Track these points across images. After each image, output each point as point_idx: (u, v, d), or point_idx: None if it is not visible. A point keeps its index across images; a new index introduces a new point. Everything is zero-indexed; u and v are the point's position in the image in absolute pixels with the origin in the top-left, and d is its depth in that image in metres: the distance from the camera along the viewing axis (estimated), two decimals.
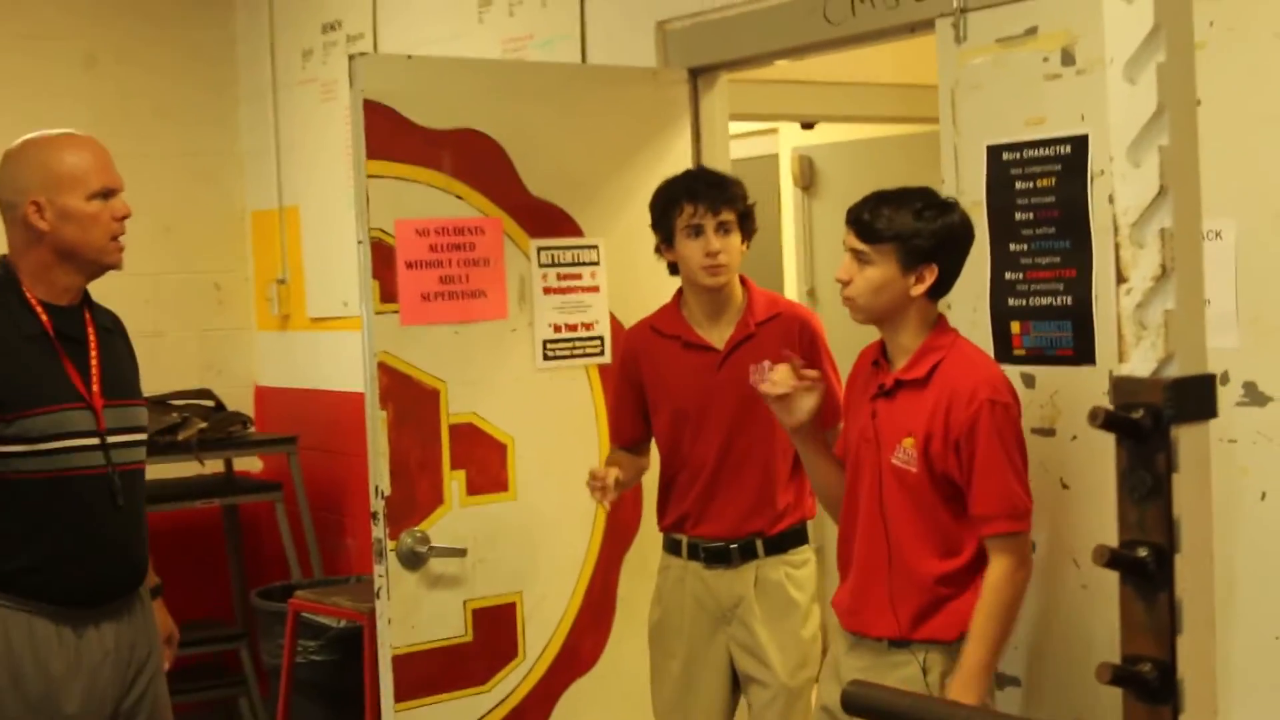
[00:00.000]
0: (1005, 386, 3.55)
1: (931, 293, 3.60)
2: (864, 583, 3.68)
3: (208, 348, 7.43)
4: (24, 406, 3.62)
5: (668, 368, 4.37)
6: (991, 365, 3.64)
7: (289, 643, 5.85)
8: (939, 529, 3.57)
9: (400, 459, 4.37)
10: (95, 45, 7.13)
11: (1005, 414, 3.50)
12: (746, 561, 4.29)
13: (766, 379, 3.78)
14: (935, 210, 3.58)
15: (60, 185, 3.71)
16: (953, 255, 3.61)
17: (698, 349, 4.33)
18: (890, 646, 3.62)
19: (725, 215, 4.24)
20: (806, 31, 4.47)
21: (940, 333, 3.63)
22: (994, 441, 3.48)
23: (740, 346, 4.29)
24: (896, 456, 3.59)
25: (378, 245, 4.33)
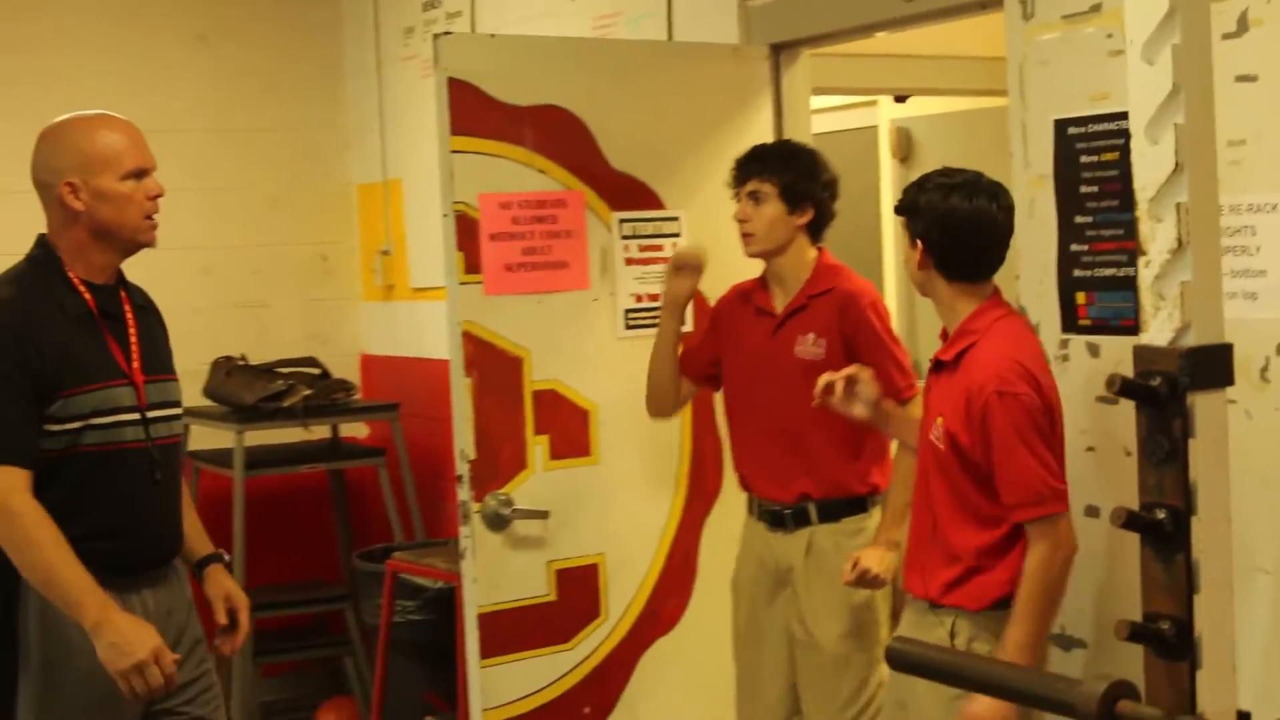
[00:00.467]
0: (1015, 374, 3.62)
1: (946, 273, 3.78)
2: (914, 546, 3.85)
3: (314, 317, 7.61)
4: (75, 384, 3.71)
5: (739, 328, 4.53)
6: (1010, 352, 3.68)
7: (387, 603, 6.02)
8: (970, 505, 3.70)
9: (485, 424, 4.50)
10: (206, 23, 7.30)
11: (1015, 403, 3.58)
12: (800, 528, 4.41)
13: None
14: (938, 191, 3.79)
15: (94, 166, 3.77)
16: (944, 237, 3.77)
17: (762, 313, 4.48)
18: (929, 607, 3.76)
19: (753, 185, 4.39)
20: (883, 9, 4.56)
21: (979, 314, 3.76)
22: (1006, 432, 3.58)
23: (794, 315, 4.42)
24: (933, 433, 3.74)
25: (462, 218, 4.45)
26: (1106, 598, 3.96)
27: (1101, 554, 3.94)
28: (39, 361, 3.68)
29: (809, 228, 4.44)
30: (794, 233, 4.41)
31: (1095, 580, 3.96)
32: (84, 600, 3.63)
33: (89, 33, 7.07)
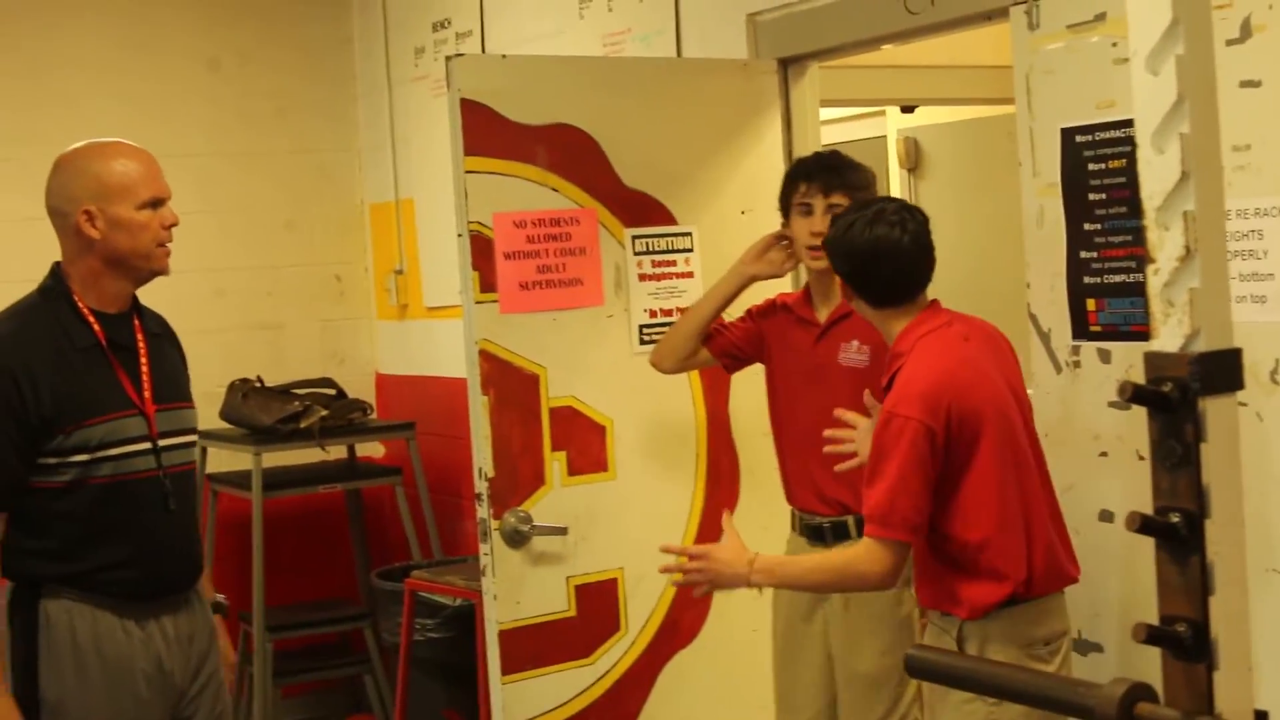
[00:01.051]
0: (915, 399, 3.62)
1: (871, 300, 3.84)
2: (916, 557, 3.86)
3: (329, 337, 7.66)
4: (82, 418, 3.74)
5: (782, 337, 4.50)
6: (922, 374, 3.67)
7: (406, 621, 6.04)
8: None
9: (502, 442, 4.53)
10: (218, 47, 7.36)
11: (903, 425, 3.59)
12: (839, 541, 4.36)
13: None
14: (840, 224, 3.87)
15: (111, 195, 3.80)
16: (846, 266, 3.85)
17: (804, 323, 4.46)
18: (940, 616, 3.80)
19: (836, 199, 4.32)
20: (890, 21, 4.59)
21: (905, 335, 3.78)
22: (883, 448, 3.63)
23: (837, 324, 4.39)
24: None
25: (477, 238, 4.49)
26: (1123, 602, 4.00)
27: (1117, 559, 3.97)
28: (35, 403, 3.70)
29: None
30: None
31: (1111, 586, 4.00)
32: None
33: (102, 57, 7.13)
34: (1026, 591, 3.68)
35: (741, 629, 4.83)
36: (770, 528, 4.70)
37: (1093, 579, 4.02)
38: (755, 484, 4.86)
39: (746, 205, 4.88)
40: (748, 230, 4.83)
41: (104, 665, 3.77)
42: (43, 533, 3.76)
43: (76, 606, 3.77)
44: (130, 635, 3.81)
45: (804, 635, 4.45)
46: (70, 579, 3.77)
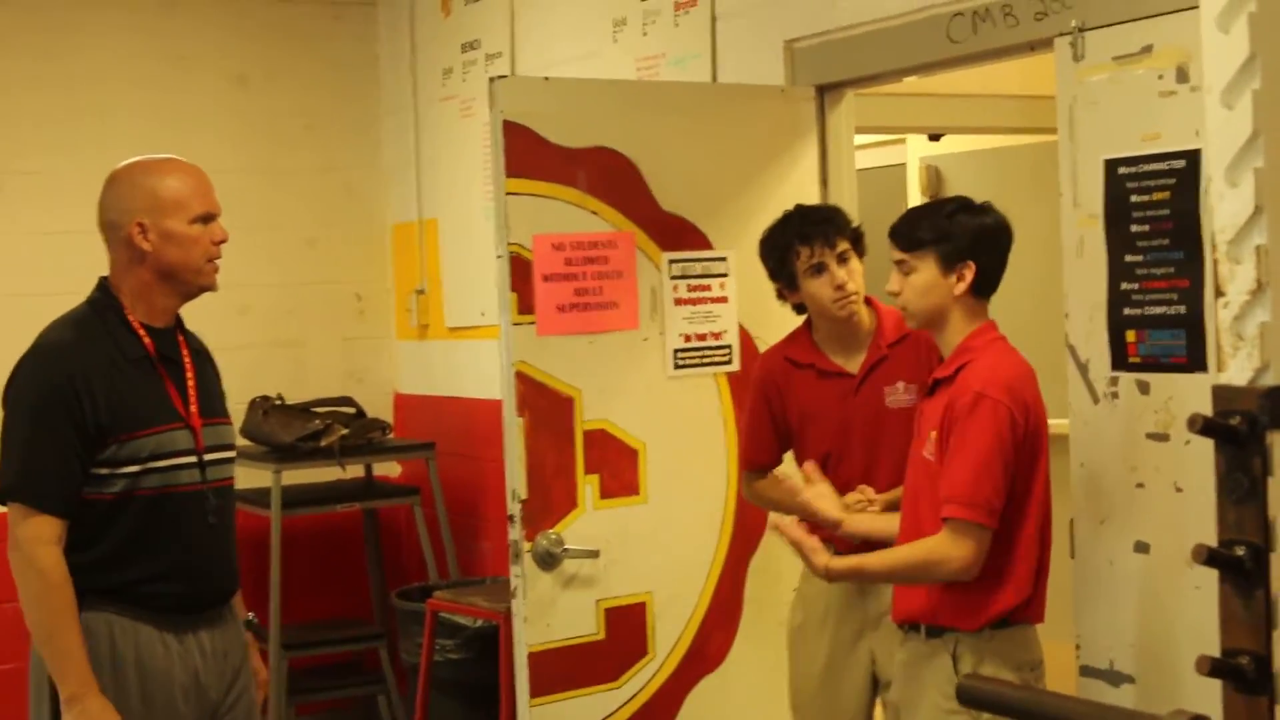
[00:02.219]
0: (1003, 386, 3.67)
1: (976, 290, 3.81)
2: None
3: (349, 356, 7.66)
4: (134, 428, 3.76)
5: (806, 396, 4.46)
6: (1006, 366, 3.75)
7: (427, 642, 6.04)
8: None
9: (536, 464, 4.53)
10: (246, 65, 7.38)
11: (991, 408, 3.64)
12: None
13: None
14: (966, 212, 3.83)
15: (164, 209, 3.82)
16: (989, 252, 3.82)
17: (833, 376, 4.43)
18: (928, 635, 3.80)
19: (841, 246, 4.35)
20: (930, 50, 4.60)
21: (979, 334, 3.81)
22: (968, 429, 3.64)
23: (874, 370, 4.39)
24: (926, 449, 3.79)
25: (516, 259, 4.49)
26: (1155, 634, 3.99)
27: (1150, 591, 3.97)
28: (91, 408, 3.71)
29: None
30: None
31: (1145, 616, 3.99)
32: (71, 672, 3.68)
33: (131, 72, 7.14)
34: (1027, 613, 3.75)
35: (767, 655, 4.82)
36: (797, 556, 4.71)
37: (1126, 610, 4.02)
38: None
39: None
40: None
41: (142, 678, 3.77)
42: (88, 544, 3.75)
43: (117, 619, 3.76)
44: (169, 649, 3.81)
45: (846, 664, 4.43)
46: (112, 591, 3.77)
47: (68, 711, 3.68)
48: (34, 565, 3.68)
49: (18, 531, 3.71)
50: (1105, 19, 4.03)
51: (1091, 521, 4.05)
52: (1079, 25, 4.07)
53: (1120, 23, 3.98)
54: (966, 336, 3.81)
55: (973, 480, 3.62)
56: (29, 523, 3.69)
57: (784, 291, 4.46)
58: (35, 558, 3.68)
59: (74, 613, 3.70)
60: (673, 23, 5.55)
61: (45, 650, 3.73)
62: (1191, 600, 3.83)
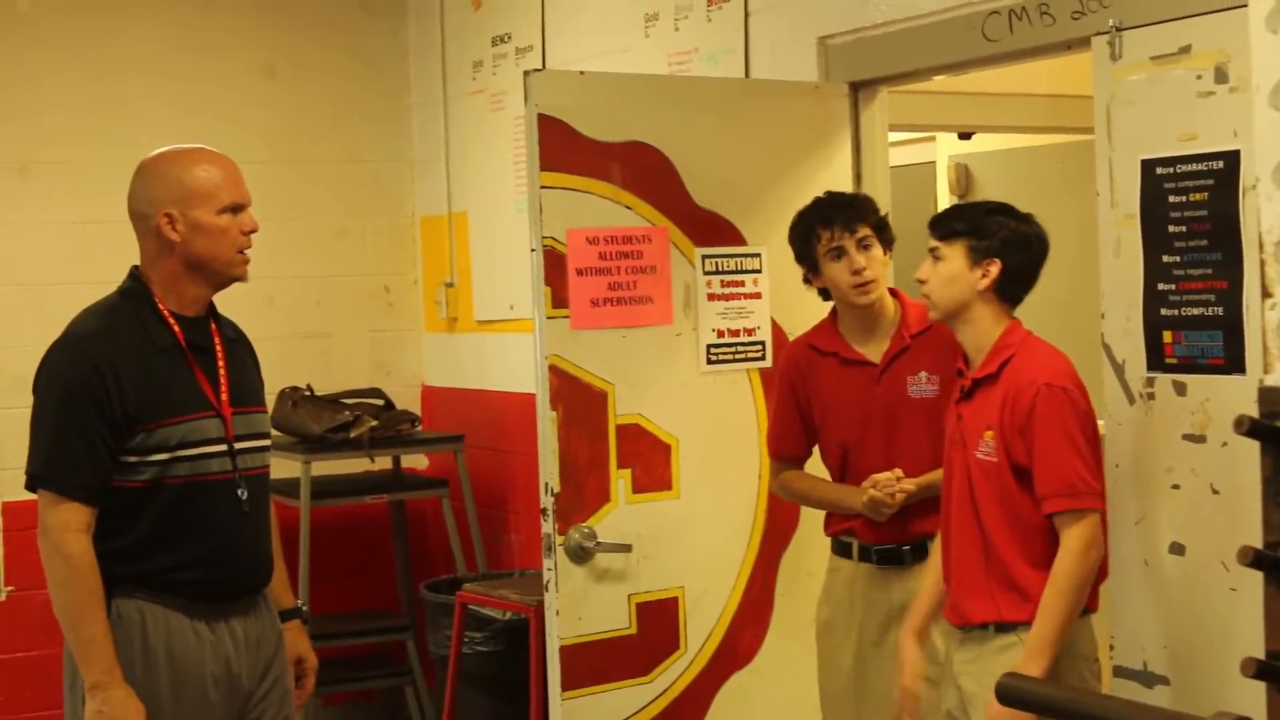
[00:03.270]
0: (1065, 373, 3.76)
1: (1000, 291, 3.85)
2: (964, 575, 3.86)
3: (377, 348, 7.67)
4: (163, 416, 3.77)
5: (829, 384, 4.50)
6: (1055, 357, 3.83)
7: (456, 634, 6.05)
8: (1024, 516, 3.75)
9: (569, 458, 4.53)
10: (274, 56, 7.40)
11: (1063, 396, 3.70)
12: (918, 562, 4.37)
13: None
14: (1004, 214, 3.90)
15: (192, 199, 3.82)
16: (1018, 255, 3.86)
17: (855, 364, 4.46)
18: (995, 631, 3.80)
19: (862, 231, 4.39)
20: (965, 48, 4.60)
21: (1011, 331, 3.86)
22: (1050, 422, 3.68)
23: (897, 359, 4.42)
24: (980, 450, 3.80)
25: (550, 253, 4.50)
26: (1189, 636, 3.98)
27: (1185, 592, 3.97)
28: (120, 397, 3.72)
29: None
30: (885, 275, 4.48)
31: (1179, 618, 3.99)
32: (95, 660, 3.69)
33: (160, 63, 7.16)
34: (1093, 601, 3.78)
35: (798, 651, 4.82)
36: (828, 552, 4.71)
37: (1160, 611, 4.02)
38: None
39: None
40: None
41: (173, 666, 3.78)
42: (118, 532, 3.77)
43: (149, 606, 3.78)
44: (200, 637, 3.82)
45: (875, 657, 4.44)
46: (143, 579, 3.78)
47: (91, 699, 3.70)
48: (61, 551, 3.69)
49: (46, 518, 3.73)
50: (1143, 18, 4.02)
51: (1127, 522, 4.04)
52: (1116, 24, 4.06)
53: (1158, 22, 3.97)
54: (1000, 335, 3.85)
55: (1070, 469, 3.67)
56: (57, 509, 3.71)
57: (809, 276, 4.50)
58: (62, 544, 3.69)
59: (100, 600, 3.71)
60: (705, 18, 5.55)
61: (71, 637, 3.74)
62: (1227, 602, 3.83)
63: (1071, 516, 3.67)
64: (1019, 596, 3.75)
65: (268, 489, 4.07)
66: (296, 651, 4.15)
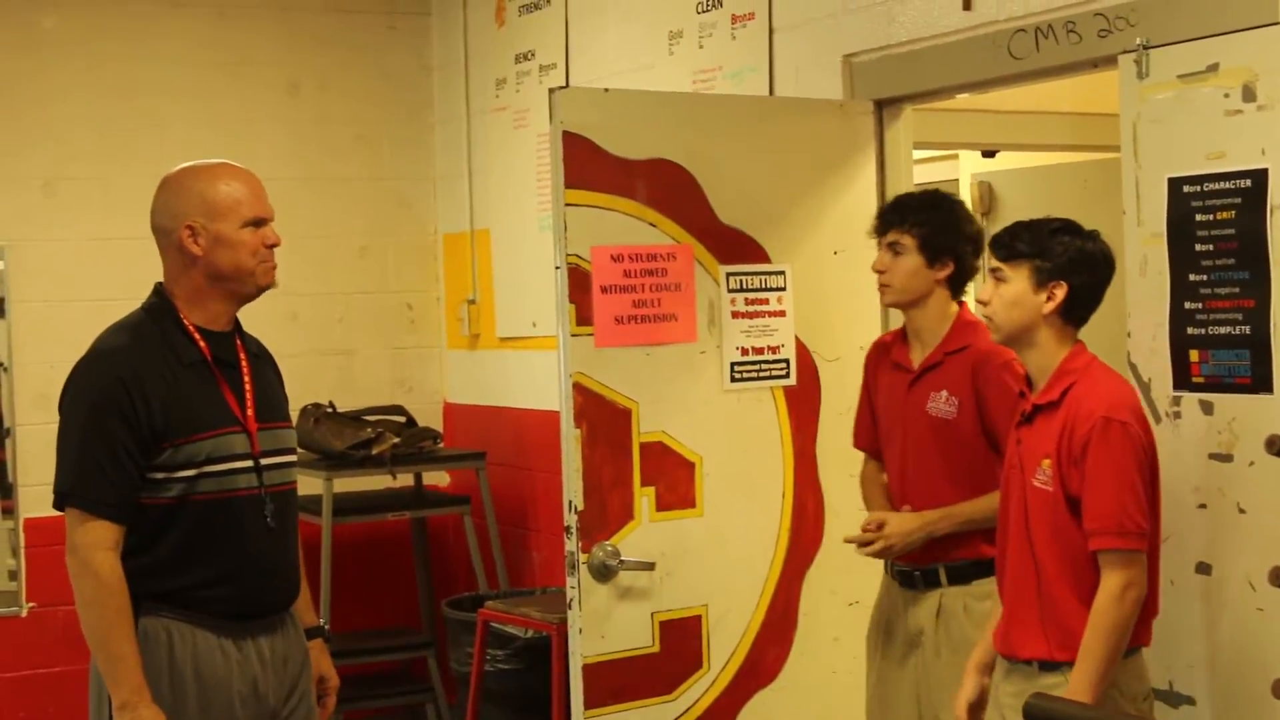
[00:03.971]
0: (1126, 406, 3.62)
1: (1065, 313, 3.72)
2: (1015, 605, 3.77)
3: (399, 365, 7.69)
4: (190, 432, 3.75)
5: (880, 381, 4.54)
6: (1118, 387, 3.71)
7: (478, 651, 6.04)
8: (1076, 550, 3.63)
9: (593, 475, 4.52)
10: (298, 73, 7.42)
11: (1121, 431, 3.56)
12: (930, 589, 4.36)
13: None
14: (1069, 234, 3.74)
15: (215, 212, 3.80)
16: (1085, 277, 3.72)
17: (899, 369, 4.46)
18: (1040, 669, 3.69)
19: (892, 236, 4.37)
20: (991, 66, 4.59)
21: (1075, 356, 3.73)
22: (1104, 457, 3.55)
23: (929, 371, 4.39)
24: (1037, 478, 3.68)
25: (574, 270, 4.49)
26: (1215, 655, 3.97)
27: (1212, 612, 3.95)
28: (146, 413, 3.71)
29: (949, 282, 4.39)
30: (932, 286, 4.37)
31: (1205, 638, 3.97)
32: (124, 678, 3.68)
33: (185, 80, 7.19)
34: (1140, 638, 3.66)
35: (821, 670, 4.82)
36: (853, 569, 4.71)
37: (1186, 631, 4.00)
38: (840, 525, 4.84)
39: (840, 245, 4.88)
40: (840, 270, 4.87)
41: (200, 684, 3.77)
42: (145, 549, 3.75)
43: (175, 624, 3.76)
44: (227, 655, 3.80)
45: (896, 681, 4.44)
46: (170, 596, 3.77)
47: (119, 718, 3.68)
48: (89, 570, 3.68)
49: (74, 536, 3.71)
50: (1170, 36, 4.01)
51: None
52: (1143, 43, 4.05)
53: (1186, 40, 3.96)
54: (1063, 359, 3.72)
55: (1120, 508, 3.54)
56: (85, 528, 3.70)
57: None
58: (91, 562, 3.68)
59: (128, 619, 3.70)
60: (730, 36, 5.56)
61: (99, 655, 3.72)
62: (1255, 622, 3.82)
63: (1117, 556, 3.55)
64: (1067, 635, 3.64)
65: (294, 505, 4.05)
66: (319, 670, 4.13)
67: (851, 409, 4.74)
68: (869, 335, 4.94)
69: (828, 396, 4.92)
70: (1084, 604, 3.61)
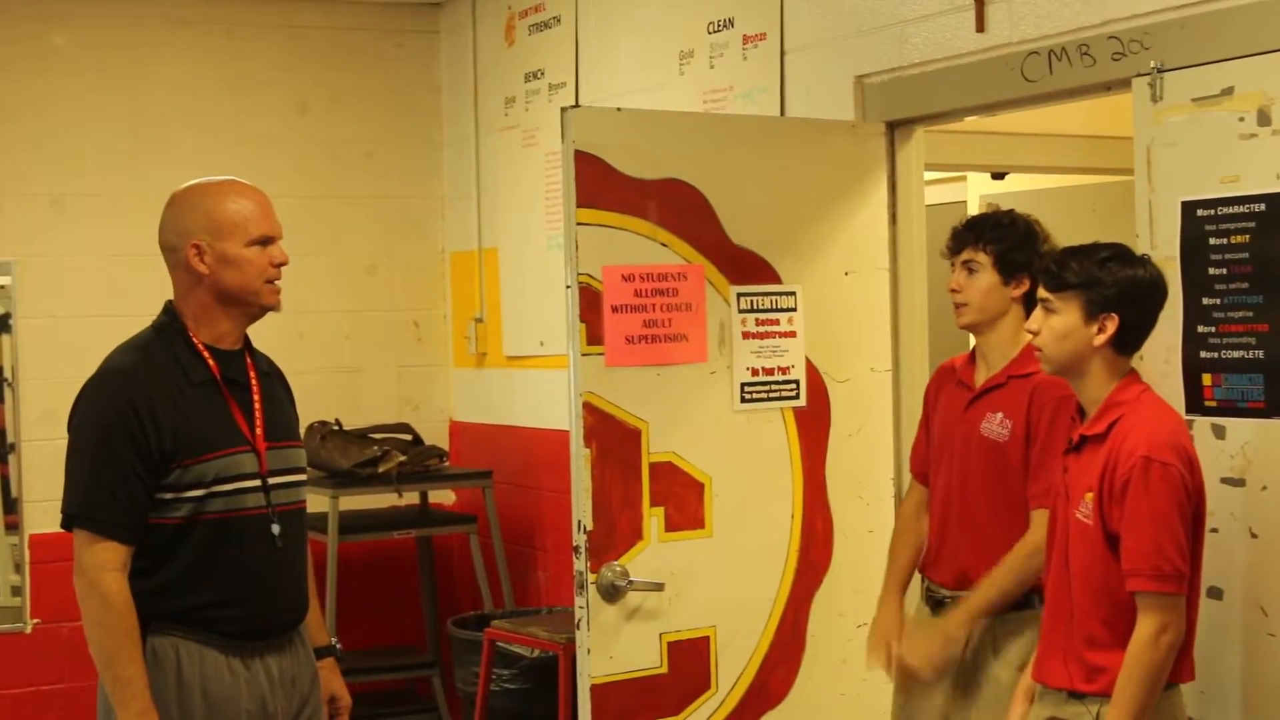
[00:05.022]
0: (1169, 446, 3.53)
1: (1118, 345, 3.65)
2: (1050, 633, 3.75)
3: (405, 383, 7.69)
4: (199, 452, 3.74)
5: (941, 399, 4.49)
6: (1165, 423, 3.61)
7: (484, 671, 6.03)
8: (1112, 587, 3.59)
9: (602, 495, 4.51)
10: (308, 92, 7.44)
11: (1162, 472, 3.49)
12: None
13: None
14: (1120, 262, 3.65)
15: (221, 230, 3.79)
16: (1137, 307, 3.65)
17: (961, 386, 4.42)
18: (1068, 698, 3.66)
19: (967, 254, 4.34)
20: (1004, 88, 4.58)
21: (1125, 387, 3.65)
22: (1142, 498, 3.49)
23: (989, 392, 4.33)
24: (1080, 511, 3.64)
25: (585, 290, 4.48)
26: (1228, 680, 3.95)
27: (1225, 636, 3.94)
28: (155, 434, 3.70)
29: (1025, 301, 4.30)
30: (1008, 304, 4.32)
31: (1217, 663, 3.95)
32: (131, 700, 3.66)
33: (193, 97, 7.21)
34: (1179, 673, 3.60)
35: (829, 692, 4.81)
36: (862, 590, 4.72)
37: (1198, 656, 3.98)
38: (848, 547, 4.85)
39: (850, 267, 4.88)
40: (851, 292, 4.86)
41: (209, 704, 3.75)
42: (154, 570, 3.75)
43: (184, 644, 3.75)
44: (236, 675, 3.79)
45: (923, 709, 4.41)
46: (178, 616, 3.75)
47: None
48: (97, 591, 3.67)
49: (83, 557, 3.70)
50: (1185, 60, 4.01)
51: None
52: (1158, 66, 4.05)
53: (1200, 64, 3.96)
54: (1112, 391, 3.65)
55: (1157, 549, 3.48)
56: (93, 549, 3.69)
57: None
58: (99, 584, 3.67)
59: (136, 640, 3.69)
60: (741, 56, 5.56)
61: (106, 677, 3.71)
62: (1266, 647, 3.81)
63: (1153, 599, 3.50)
64: (1093, 669, 3.61)
65: (303, 524, 4.04)
66: (330, 690, 4.12)
67: (861, 430, 4.74)
68: (879, 357, 4.94)
69: (837, 418, 4.90)
70: (1114, 640, 3.58)
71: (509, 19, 7.06)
